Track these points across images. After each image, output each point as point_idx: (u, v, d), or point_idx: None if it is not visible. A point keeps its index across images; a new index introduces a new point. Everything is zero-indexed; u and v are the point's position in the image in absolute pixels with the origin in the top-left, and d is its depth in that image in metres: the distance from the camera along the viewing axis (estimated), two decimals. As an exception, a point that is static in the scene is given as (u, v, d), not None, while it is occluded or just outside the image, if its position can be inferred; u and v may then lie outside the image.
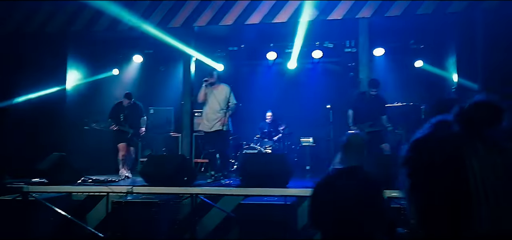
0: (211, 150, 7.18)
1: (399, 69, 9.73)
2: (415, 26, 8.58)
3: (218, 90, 7.06)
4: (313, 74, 10.21)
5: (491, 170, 0.89)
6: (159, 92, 10.28)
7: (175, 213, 5.94)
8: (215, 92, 7.02)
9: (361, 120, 7.01)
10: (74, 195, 6.39)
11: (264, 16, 7.79)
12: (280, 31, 8.86)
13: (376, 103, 7.05)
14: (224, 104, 6.95)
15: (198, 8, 7.97)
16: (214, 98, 6.99)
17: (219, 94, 7.01)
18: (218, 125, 6.92)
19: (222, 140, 7.03)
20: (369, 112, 6.99)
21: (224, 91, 7.04)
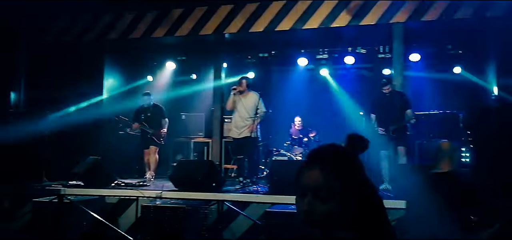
0: (239, 156, 7.19)
1: (435, 76, 9.40)
2: (452, 30, 8.27)
3: (247, 97, 7.12)
4: (345, 80, 10.05)
5: None
6: (190, 98, 10.41)
7: (203, 218, 5.96)
8: (244, 100, 7.09)
9: (384, 121, 6.86)
10: (107, 198, 6.56)
11: (295, 22, 7.74)
12: (311, 37, 8.79)
13: (396, 100, 6.88)
14: (253, 112, 7.00)
15: (229, 15, 8.03)
16: (243, 106, 7.05)
17: (248, 102, 7.07)
18: (247, 132, 6.97)
19: (250, 147, 7.06)
20: (391, 111, 6.84)
21: (253, 99, 7.09)
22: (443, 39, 8.92)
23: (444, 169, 3.79)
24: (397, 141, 6.78)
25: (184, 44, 9.24)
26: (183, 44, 9.32)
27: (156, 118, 8.23)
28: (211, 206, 6.00)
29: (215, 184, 6.38)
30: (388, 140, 6.79)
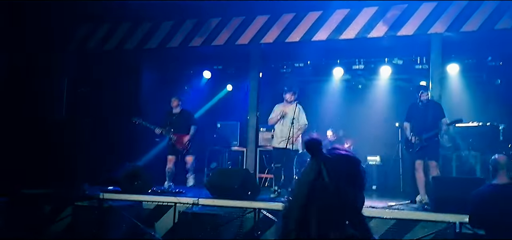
0: (277, 165, 7.23)
1: (475, 87, 9.19)
2: (493, 41, 8.08)
3: (290, 108, 7.23)
4: (382, 91, 9.93)
5: None
6: (226, 107, 10.54)
7: (238, 226, 6.01)
8: (288, 110, 7.20)
9: (418, 129, 6.73)
10: (144, 203, 6.69)
11: (331, 32, 7.75)
12: (347, 47, 8.76)
13: (431, 109, 6.74)
14: (295, 123, 7.09)
15: (265, 25, 8.12)
16: (286, 116, 7.18)
17: (291, 113, 7.16)
18: (288, 143, 7.02)
19: (288, 158, 7.11)
20: (425, 120, 6.71)
21: (295, 110, 7.17)
22: (483, 50, 8.72)
23: (502, 181, 4.13)
24: (428, 151, 6.65)
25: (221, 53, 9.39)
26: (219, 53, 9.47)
27: (183, 123, 8.13)
28: (247, 214, 6.03)
29: (250, 192, 6.42)
30: (420, 149, 6.68)
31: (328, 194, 1.45)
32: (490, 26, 6.98)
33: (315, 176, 1.49)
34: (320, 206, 1.44)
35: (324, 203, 1.44)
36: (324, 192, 1.45)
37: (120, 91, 9.18)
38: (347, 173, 1.53)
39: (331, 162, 1.52)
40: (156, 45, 8.74)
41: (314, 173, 1.49)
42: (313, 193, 1.47)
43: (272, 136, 9.06)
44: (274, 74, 10.29)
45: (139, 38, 8.82)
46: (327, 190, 1.45)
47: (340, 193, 1.45)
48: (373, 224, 5.59)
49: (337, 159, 1.55)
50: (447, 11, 7.20)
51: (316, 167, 1.50)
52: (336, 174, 1.48)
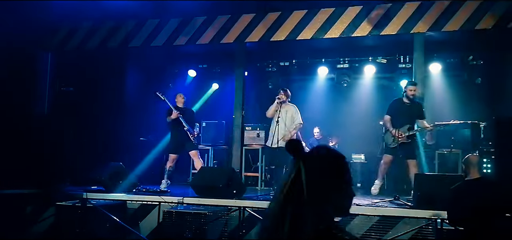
0: (272, 166, 7.46)
1: (456, 86, 9.35)
2: (474, 41, 8.24)
3: (286, 108, 7.38)
4: (366, 89, 10.03)
5: None
6: (211, 106, 10.52)
7: (224, 225, 6.01)
8: (283, 111, 7.32)
9: (399, 124, 6.93)
10: (128, 203, 6.64)
11: (316, 31, 7.80)
12: (332, 46, 8.84)
13: (414, 109, 6.97)
14: (290, 123, 7.26)
15: (250, 24, 8.13)
16: (282, 116, 7.27)
17: (286, 113, 7.32)
18: (282, 142, 7.14)
19: (285, 156, 7.17)
20: (406, 116, 6.94)
21: (290, 111, 7.37)
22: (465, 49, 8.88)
23: (474, 176, 4.45)
24: (408, 150, 6.86)
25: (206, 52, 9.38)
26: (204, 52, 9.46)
27: (188, 118, 8.07)
28: (232, 212, 6.04)
29: (236, 191, 6.43)
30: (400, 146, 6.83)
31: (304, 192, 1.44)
32: (471, 26, 7.12)
33: (295, 175, 1.48)
34: (296, 204, 1.43)
35: (300, 201, 1.43)
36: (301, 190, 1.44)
37: (104, 89, 9.09)
38: (326, 169, 1.52)
39: (310, 159, 1.52)
40: (140, 43, 8.68)
41: (294, 172, 1.49)
42: (290, 192, 1.46)
43: (257, 135, 9.11)
44: (259, 73, 10.32)
45: (123, 37, 8.75)
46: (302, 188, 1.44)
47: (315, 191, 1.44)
48: (357, 221, 5.66)
49: (317, 156, 1.55)
50: (429, 11, 7.31)
51: (295, 166, 1.50)
52: (314, 171, 1.48)
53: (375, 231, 5.58)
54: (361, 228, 5.62)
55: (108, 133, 8.79)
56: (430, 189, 5.69)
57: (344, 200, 1.55)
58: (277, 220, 1.45)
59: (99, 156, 8.03)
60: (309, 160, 1.51)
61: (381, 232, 5.54)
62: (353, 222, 5.68)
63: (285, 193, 1.47)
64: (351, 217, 5.66)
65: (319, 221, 1.42)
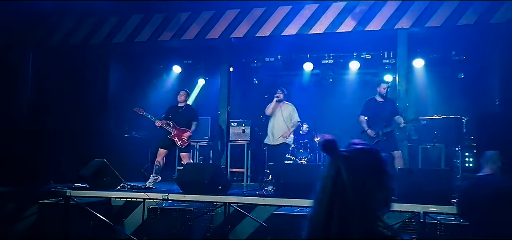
0: (271, 162, 7.61)
1: (439, 81, 9.48)
2: (456, 37, 8.35)
3: (284, 107, 7.67)
4: (350, 85, 10.10)
5: None
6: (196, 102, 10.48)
7: (209, 221, 6.00)
8: (281, 109, 7.62)
9: (375, 124, 7.11)
10: (113, 200, 6.57)
11: (301, 27, 7.82)
12: (317, 42, 8.88)
13: (388, 106, 7.15)
14: (288, 121, 7.57)
15: (235, 19, 8.11)
16: (280, 114, 7.60)
17: (284, 111, 7.62)
18: (281, 139, 7.54)
19: (283, 153, 7.64)
20: (382, 115, 7.11)
21: (288, 109, 7.68)
22: (447, 45, 9.00)
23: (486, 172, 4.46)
24: (387, 146, 6.93)
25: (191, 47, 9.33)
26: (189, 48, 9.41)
27: (186, 118, 7.84)
28: (217, 208, 6.03)
29: (221, 187, 6.42)
30: (376, 144, 6.93)
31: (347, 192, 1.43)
32: (454, 22, 7.21)
33: (334, 175, 1.47)
34: (341, 205, 1.42)
35: (345, 202, 1.42)
36: (344, 190, 1.43)
37: (87, 86, 8.98)
38: (366, 166, 1.50)
39: (349, 158, 1.50)
40: (124, 39, 8.59)
41: (333, 172, 1.47)
42: (333, 193, 1.45)
43: (243, 131, 9.10)
44: (244, 69, 10.31)
45: (106, 33, 8.65)
46: (346, 188, 1.43)
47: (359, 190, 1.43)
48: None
49: (354, 154, 1.52)
50: (412, 7, 7.38)
51: (334, 166, 1.48)
52: (356, 170, 1.46)
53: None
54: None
55: (91, 130, 8.70)
56: (414, 183, 5.75)
57: (387, 194, 1.53)
58: (323, 223, 1.44)
59: (83, 153, 7.93)
60: (347, 159, 1.49)
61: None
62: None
63: (328, 195, 1.46)
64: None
65: (365, 220, 1.42)
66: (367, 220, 1.42)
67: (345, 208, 1.42)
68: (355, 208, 1.42)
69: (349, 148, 1.54)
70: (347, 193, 1.42)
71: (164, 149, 7.70)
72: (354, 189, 1.43)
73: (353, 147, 1.54)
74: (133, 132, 9.44)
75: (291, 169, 6.66)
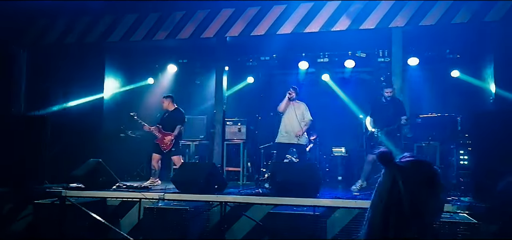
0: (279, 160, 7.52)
1: (434, 79, 9.53)
2: (450, 35, 8.39)
3: (296, 105, 7.56)
4: (346, 84, 10.12)
5: None
6: (192, 101, 10.48)
7: (205, 220, 6.00)
8: (294, 107, 7.51)
9: (380, 123, 7.08)
10: (108, 200, 6.55)
11: (296, 26, 7.82)
12: (312, 41, 8.89)
13: (393, 105, 7.06)
14: (300, 119, 7.45)
15: (230, 18, 8.11)
16: (293, 113, 7.49)
17: (296, 110, 7.50)
18: (295, 139, 7.43)
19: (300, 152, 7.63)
20: (387, 115, 7.04)
21: (301, 108, 7.57)
22: (442, 43, 9.04)
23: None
24: (390, 144, 6.92)
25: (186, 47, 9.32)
26: (185, 47, 9.39)
27: (170, 122, 7.91)
28: (213, 208, 6.03)
29: (217, 186, 6.42)
30: (380, 143, 6.95)
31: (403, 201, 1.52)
32: (448, 20, 7.24)
33: (390, 185, 1.56)
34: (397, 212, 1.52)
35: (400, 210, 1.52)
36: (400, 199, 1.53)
37: (83, 86, 8.94)
38: (421, 178, 1.58)
39: (404, 170, 1.58)
40: (119, 38, 8.56)
41: (389, 182, 1.56)
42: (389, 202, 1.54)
43: (238, 130, 9.10)
44: (240, 68, 10.30)
45: (101, 32, 8.62)
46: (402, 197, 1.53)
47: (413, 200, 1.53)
48: (338, 214, 5.71)
49: (409, 166, 1.60)
50: (407, 6, 7.41)
51: (390, 177, 1.57)
52: (412, 183, 1.55)
53: (356, 223, 5.64)
54: (342, 220, 5.69)
55: (87, 128, 8.66)
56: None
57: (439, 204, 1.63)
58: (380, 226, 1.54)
59: (78, 153, 7.90)
60: (404, 171, 1.57)
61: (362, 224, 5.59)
62: (334, 215, 5.73)
63: (384, 202, 1.56)
64: (332, 210, 5.71)
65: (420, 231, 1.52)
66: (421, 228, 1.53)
67: (400, 215, 1.52)
68: (410, 216, 1.52)
69: (404, 159, 1.63)
70: (402, 202, 1.52)
71: (157, 154, 7.86)
72: (409, 199, 1.52)
73: (407, 159, 1.63)
74: (128, 131, 9.41)
75: (288, 168, 6.67)
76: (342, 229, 5.65)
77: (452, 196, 6.19)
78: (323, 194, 6.19)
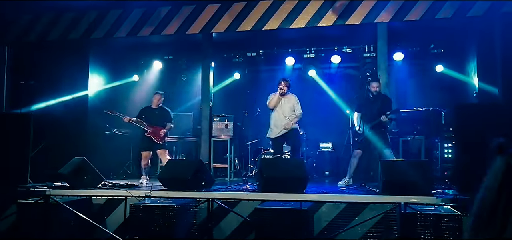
0: (276, 155, 7.35)
1: (419, 74, 9.63)
2: (435, 30, 8.48)
3: (287, 98, 7.34)
4: (332, 79, 10.17)
5: None
6: (178, 98, 10.41)
7: (192, 217, 5.98)
8: (284, 101, 7.31)
9: (365, 120, 7.10)
10: (94, 198, 6.49)
11: (282, 22, 7.82)
12: (298, 37, 8.90)
13: (379, 101, 7.08)
14: (291, 113, 7.25)
15: (216, 14, 8.07)
16: (282, 106, 7.28)
17: (287, 103, 7.31)
18: (284, 131, 7.21)
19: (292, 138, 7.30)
20: (371, 111, 7.06)
21: (291, 101, 7.33)
22: (426, 38, 9.13)
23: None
24: (376, 140, 6.99)
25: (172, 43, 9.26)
26: (170, 43, 9.33)
27: (160, 119, 7.95)
28: (200, 204, 6.01)
29: (204, 183, 6.40)
30: (365, 139, 7.00)
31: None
32: (432, 15, 7.31)
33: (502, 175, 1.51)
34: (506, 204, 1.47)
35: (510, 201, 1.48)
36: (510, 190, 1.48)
37: (67, 83, 8.82)
38: None
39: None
40: (103, 34, 8.46)
41: (501, 172, 1.51)
42: (500, 191, 1.49)
43: (225, 126, 9.08)
44: (226, 64, 10.28)
45: (85, 28, 8.51)
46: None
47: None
48: (325, 208, 5.75)
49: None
50: (392, 1, 7.46)
51: (503, 166, 1.52)
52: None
53: (343, 217, 5.68)
54: (329, 215, 5.72)
55: (72, 127, 8.56)
56: (395, 175, 5.84)
57: None
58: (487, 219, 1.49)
59: (63, 151, 7.80)
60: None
61: (349, 218, 5.66)
62: (321, 209, 5.76)
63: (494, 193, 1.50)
64: (319, 205, 5.75)
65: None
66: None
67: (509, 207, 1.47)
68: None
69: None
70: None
71: (147, 151, 7.80)
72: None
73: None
74: (113, 129, 9.32)
75: (275, 164, 6.66)
76: (329, 223, 5.69)
77: (436, 188, 6.29)
78: (310, 189, 6.21)
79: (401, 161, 6.96)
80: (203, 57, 8.55)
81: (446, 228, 4.75)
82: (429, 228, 4.80)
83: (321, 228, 5.69)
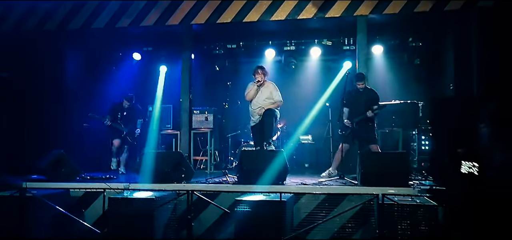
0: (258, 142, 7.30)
1: (397, 67, 9.75)
2: (413, 23, 8.59)
3: (264, 86, 7.30)
4: (312, 71, 10.21)
5: None
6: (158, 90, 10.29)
7: (172, 209, 5.95)
8: (262, 89, 7.27)
9: (352, 115, 7.22)
10: (72, 191, 6.42)
11: (263, 14, 7.81)
12: (278, 29, 8.90)
13: (365, 95, 7.20)
14: (267, 101, 7.22)
15: (196, 5, 8.00)
16: (260, 95, 7.26)
17: (264, 91, 7.27)
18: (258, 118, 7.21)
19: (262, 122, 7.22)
20: (357, 106, 7.17)
21: (269, 88, 7.29)
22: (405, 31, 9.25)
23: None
24: (363, 137, 7.07)
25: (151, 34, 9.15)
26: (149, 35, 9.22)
27: (133, 117, 8.48)
28: (180, 197, 5.98)
29: (184, 175, 6.38)
30: (351, 133, 7.10)
31: None
32: (410, 9, 7.41)
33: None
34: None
35: None
36: None
37: (43, 75, 8.62)
38: None
39: None
40: (80, 25, 8.30)
41: None
42: None
43: (205, 118, 9.04)
44: (206, 56, 10.21)
45: (61, 18, 8.33)
46: None
47: None
48: (304, 200, 5.81)
49: None
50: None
51: None
52: None
53: (322, 208, 5.75)
54: (308, 206, 5.78)
55: (48, 119, 8.40)
56: (373, 166, 5.93)
57: None
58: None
59: (40, 144, 7.66)
60: None
61: (327, 210, 5.72)
62: (300, 201, 5.81)
63: None
64: (298, 196, 5.80)
65: None
66: None
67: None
68: None
69: None
70: None
71: (118, 139, 8.43)
72: None
73: None
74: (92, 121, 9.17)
75: (254, 156, 6.69)
76: (308, 215, 5.75)
77: (414, 180, 6.41)
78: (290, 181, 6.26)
79: (379, 152, 7.07)
80: (183, 49, 8.47)
81: (422, 218, 4.86)
82: (406, 219, 4.92)
83: (300, 219, 5.74)
